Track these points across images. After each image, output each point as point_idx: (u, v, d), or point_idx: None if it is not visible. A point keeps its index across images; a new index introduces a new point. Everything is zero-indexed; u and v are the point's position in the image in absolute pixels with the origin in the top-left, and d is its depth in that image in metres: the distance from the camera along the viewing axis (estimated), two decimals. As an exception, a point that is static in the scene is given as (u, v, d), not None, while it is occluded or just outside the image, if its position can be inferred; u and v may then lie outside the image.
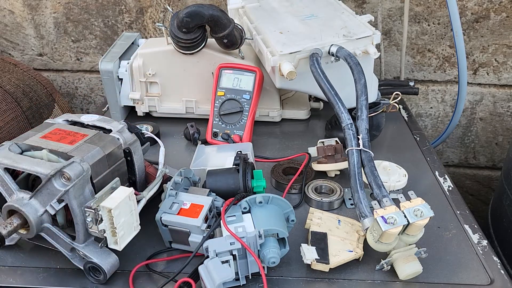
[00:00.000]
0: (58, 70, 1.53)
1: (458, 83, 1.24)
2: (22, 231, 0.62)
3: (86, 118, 0.73)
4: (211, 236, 0.65)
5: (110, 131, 0.70)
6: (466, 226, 0.75)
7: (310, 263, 0.63)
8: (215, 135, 0.98)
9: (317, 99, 1.15)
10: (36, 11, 1.43)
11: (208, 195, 0.70)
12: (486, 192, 1.59)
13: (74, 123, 0.72)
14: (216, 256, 0.59)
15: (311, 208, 0.76)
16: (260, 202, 0.65)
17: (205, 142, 0.98)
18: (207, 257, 0.60)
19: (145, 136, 0.81)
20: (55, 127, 0.69)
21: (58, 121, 0.72)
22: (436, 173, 0.90)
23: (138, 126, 0.97)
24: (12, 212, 0.61)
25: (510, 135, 1.46)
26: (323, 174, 0.88)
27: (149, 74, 1.06)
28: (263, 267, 0.63)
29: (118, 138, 0.69)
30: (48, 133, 0.67)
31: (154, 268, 0.66)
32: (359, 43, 0.89)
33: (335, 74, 0.83)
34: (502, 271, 0.66)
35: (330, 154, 0.86)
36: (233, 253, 0.60)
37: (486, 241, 0.72)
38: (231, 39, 0.98)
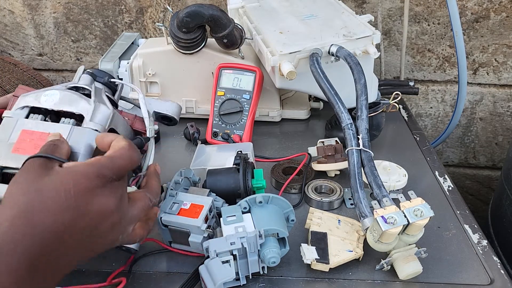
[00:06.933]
0: (58, 70, 1.53)
1: (458, 83, 1.24)
2: None
3: (47, 101, 0.61)
4: (211, 236, 0.65)
5: (81, 116, 0.60)
6: (466, 226, 0.75)
7: (310, 263, 0.63)
8: (215, 135, 0.98)
9: (317, 99, 1.15)
10: (36, 11, 1.43)
11: (208, 195, 0.70)
12: (486, 192, 1.59)
13: (35, 110, 0.62)
14: (217, 256, 0.59)
15: (311, 208, 0.76)
16: (260, 202, 0.65)
17: (205, 142, 0.98)
18: (207, 257, 0.60)
19: (116, 84, 0.69)
20: (21, 130, 0.59)
21: (18, 116, 0.61)
22: (436, 173, 0.90)
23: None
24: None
25: (510, 135, 1.46)
26: (323, 174, 0.88)
27: (149, 74, 1.06)
28: (263, 267, 0.63)
29: (96, 130, 0.59)
30: (18, 142, 0.58)
31: (154, 268, 0.67)
32: (359, 43, 0.89)
33: (335, 74, 0.83)
34: (502, 271, 0.66)
35: (330, 154, 0.86)
36: (234, 253, 0.60)
37: (486, 241, 0.72)
38: (231, 39, 0.98)
